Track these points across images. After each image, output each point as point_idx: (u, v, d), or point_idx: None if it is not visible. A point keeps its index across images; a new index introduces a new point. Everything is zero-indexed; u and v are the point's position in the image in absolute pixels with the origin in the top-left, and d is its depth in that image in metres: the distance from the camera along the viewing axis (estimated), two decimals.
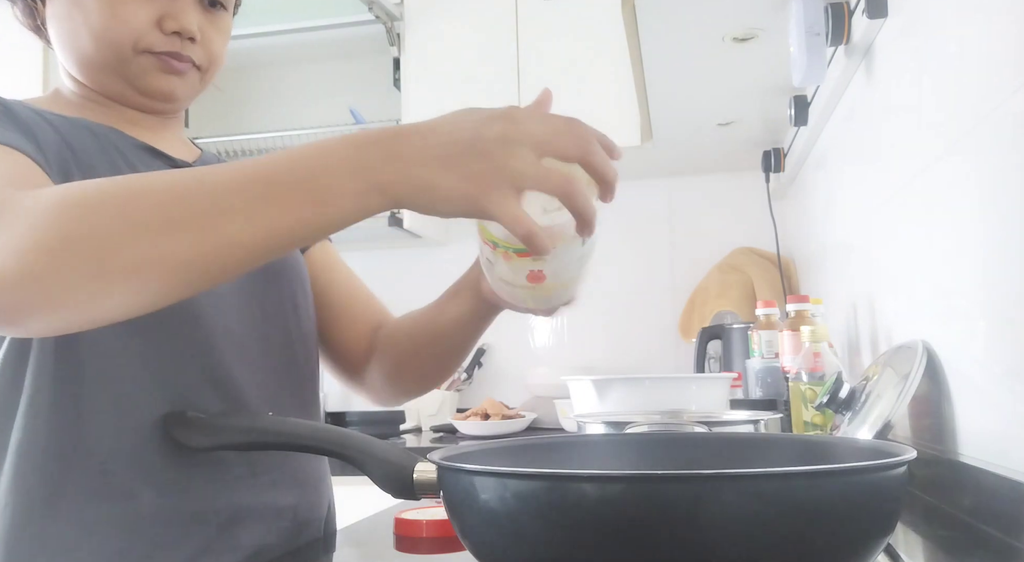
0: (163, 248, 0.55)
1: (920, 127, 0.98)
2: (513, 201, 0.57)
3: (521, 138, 0.58)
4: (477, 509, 0.52)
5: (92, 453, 0.71)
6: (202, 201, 0.56)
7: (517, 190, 0.57)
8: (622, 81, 1.97)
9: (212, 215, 0.56)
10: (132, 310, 0.57)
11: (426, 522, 0.82)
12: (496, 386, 2.48)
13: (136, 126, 0.84)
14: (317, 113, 2.63)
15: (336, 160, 0.57)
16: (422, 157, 0.57)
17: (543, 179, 0.58)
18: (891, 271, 1.17)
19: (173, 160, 0.84)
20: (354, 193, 0.57)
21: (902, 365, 0.97)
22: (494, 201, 0.56)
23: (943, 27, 0.89)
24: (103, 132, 0.79)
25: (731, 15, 1.34)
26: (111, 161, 0.76)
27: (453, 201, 0.57)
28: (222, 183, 0.57)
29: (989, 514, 0.74)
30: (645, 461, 0.70)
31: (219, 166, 0.59)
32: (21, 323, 0.56)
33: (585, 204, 0.59)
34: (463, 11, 2.27)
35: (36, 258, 0.53)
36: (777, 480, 0.47)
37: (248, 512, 0.78)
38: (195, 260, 0.56)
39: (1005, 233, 0.74)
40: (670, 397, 1.29)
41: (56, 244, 0.54)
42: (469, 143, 0.57)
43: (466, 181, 0.57)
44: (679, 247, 2.46)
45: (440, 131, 0.59)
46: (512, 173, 0.57)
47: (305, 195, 0.57)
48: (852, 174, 1.40)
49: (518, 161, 0.57)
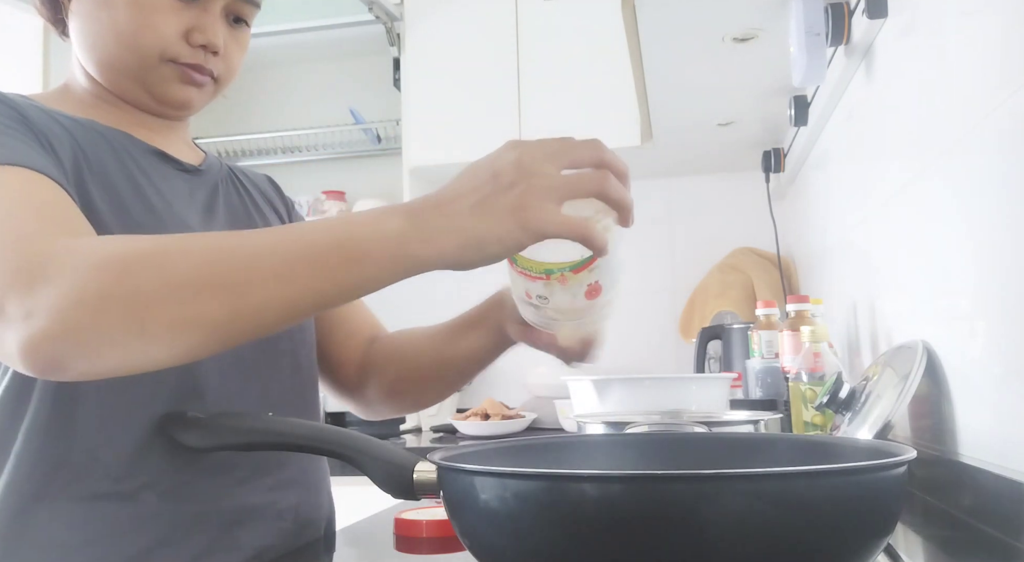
0: (200, 309, 0.57)
1: (920, 127, 0.98)
2: (557, 211, 0.58)
3: (535, 157, 0.59)
4: (477, 509, 0.52)
5: (94, 456, 0.71)
6: (240, 264, 0.59)
7: (557, 202, 0.58)
8: (622, 81, 1.96)
9: (249, 278, 0.58)
10: (171, 362, 0.60)
11: (426, 522, 0.82)
12: (496, 386, 2.48)
13: (145, 129, 0.84)
14: (317, 113, 2.63)
15: (371, 225, 0.60)
16: (452, 210, 0.59)
17: (575, 183, 0.59)
18: (891, 271, 1.17)
19: (181, 164, 0.85)
20: (390, 257, 0.59)
21: (902, 365, 0.97)
22: (539, 218, 0.57)
23: (943, 27, 0.89)
24: (114, 136, 0.79)
25: (731, 15, 1.34)
26: (123, 166, 0.78)
27: (502, 240, 0.58)
28: (261, 246, 0.60)
29: (989, 514, 0.74)
30: (645, 461, 0.70)
31: (259, 231, 0.63)
32: (62, 373, 0.59)
33: (624, 194, 0.61)
34: (463, 11, 2.27)
35: (77, 316, 0.56)
36: (777, 480, 0.47)
37: (250, 513, 0.78)
38: (232, 320, 0.58)
39: (1005, 233, 0.74)
40: (670, 397, 1.29)
41: (97, 302, 0.56)
42: (491, 182, 0.59)
43: (505, 216, 0.58)
44: (679, 247, 2.46)
45: (458, 187, 0.60)
46: (543, 188, 0.58)
47: (341, 259, 0.59)
48: (852, 174, 1.40)
49: (543, 178, 0.58)
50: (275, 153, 2.66)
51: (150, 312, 0.57)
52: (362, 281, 0.60)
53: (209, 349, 0.60)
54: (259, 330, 0.60)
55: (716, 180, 2.44)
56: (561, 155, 0.60)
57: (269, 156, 2.66)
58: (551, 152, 0.60)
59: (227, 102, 1.02)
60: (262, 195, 0.96)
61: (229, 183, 0.92)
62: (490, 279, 0.76)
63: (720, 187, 2.44)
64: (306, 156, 2.64)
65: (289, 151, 2.65)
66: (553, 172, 0.59)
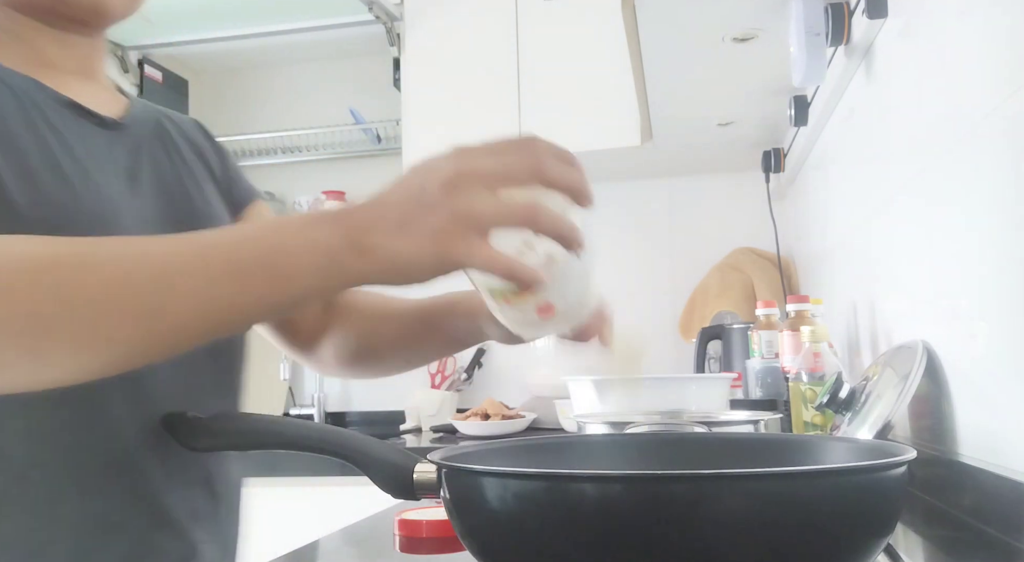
0: (109, 332, 0.51)
1: (920, 127, 0.98)
2: (480, 244, 0.53)
3: (468, 178, 0.54)
4: (477, 509, 0.52)
5: (9, 461, 0.65)
6: (155, 282, 0.52)
7: (480, 233, 0.53)
8: (622, 81, 1.97)
9: (165, 298, 0.52)
10: (75, 382, 0.54)
11: (426, 522, 0.82)
12: (496, 386, 2.48)
13: (54, 70, 0.74)
14: (317, 113, 2.63)
15: (301, 237, 0.54)
16: (376, 227, 0.54)
17: (503, 214, 0.54)
18: (891, 271, 1.17)
19: (101, 118, 0.75)
20: (320, 273, 0.54)
21: (902, 365, 0.97)
22: (461, 251, 0.53)
23: (943, 27, 0.89)
24: (22, 87, 0.69)
25: (731, 15, 1.34)
26: (31, 125, 0.68)
27: (422, 268, 0.53)
28: (180, 260, 0.53)
29: (989, 514, 0.74)
30: (645, 461, 0.70)
31: (179, 239, 0.55)
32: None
33: (558, 224, 0.54)
34: (463, 11, 2.27)
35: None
36: (777, 480, 0.47)
37: (167, 521, 0.73)
38: (145, 343, 0.53)
39: (1005, 233, 0.74)
40: (670, 397, 1.29)
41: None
42: (417, 199, 0.54)
43: (425, 242, 0.53)
44: (679, 247, 2.46)
45: (387, 199, 0.55)
46: (468, 218, 0.53)
47: (267, 276, 0.53)
48: (852, 174, 1.41)
49: (471, 203, 0.53)
50: (275, 153, 2.66)
51: (49, 337, 0.50)
52: (289, 299, 0.55)
53: (118, 369, 0.54)
54: (176, 350, 0.55)
55: (716, 180, 2.44)
56: (498, 173, 0.54)
57: (269, 156, 2.66)
58: (487, 170, 0.54)
59: (227, 102, 1.01)
60: (192, 148, 0.86)
61: (155, 140, 0.81)
62: None
63: (720, 187, 2.44)
64: (306, 156, 2.64)
65: (289, 151, 2.65)
66: (483, 197, 0.53)
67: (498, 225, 0.54)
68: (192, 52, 2.55)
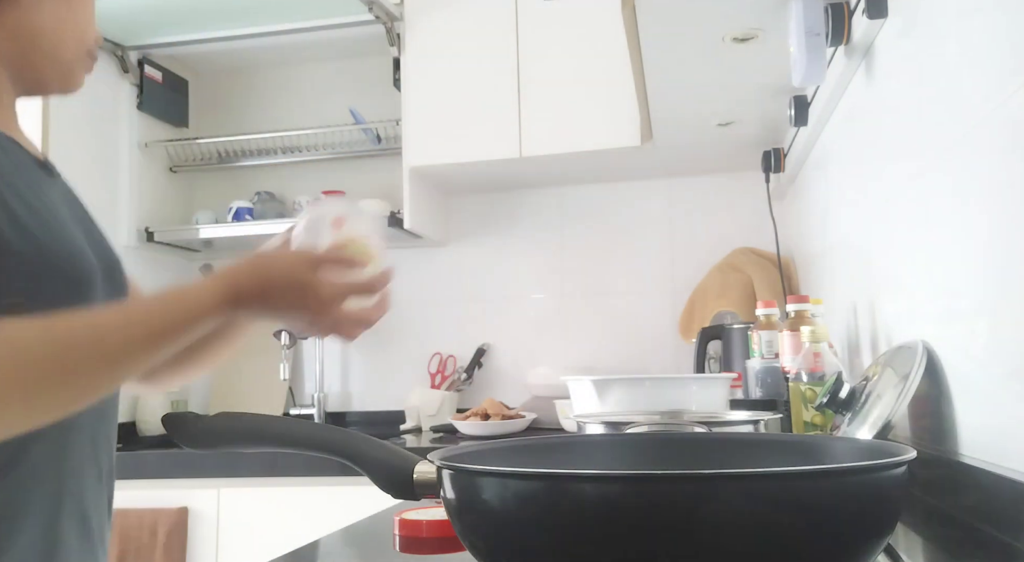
0: (45, 402, 0.65)
1: (920, 127, 0.98)
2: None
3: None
4: (477, 509, 0.52)
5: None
6: (87, 360, 0.67)
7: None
8: (622, 81, 1.97)
9: (95, 367, 0.68)
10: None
11: (426, 522, 0.82)
12: (496, 386, 2.48)
13: (12, 125, 0.84)
14: (317, 113, 2.63)
15: (205, 313, 0.75)
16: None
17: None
18: (891, 271, 1.17)
19: (49, 169, 0.85)
20: (213, 320, 0.76)
21: (902, 365, 0.97)
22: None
23: (943, 27, 0.89)
24: (6, 144, 0.79)
25: (731, 15, 1.34)
26: (13, 180, 0.77)
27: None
28: (107, 337, 0.68)
29: (989, 514, 0.74)
30: (645, 461, 0.70)
31: (105, 317, 0.71)
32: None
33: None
34: (463, 11, 2.27)
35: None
36: (777, 480, 0.47)
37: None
38: (72, 403, 0.68)
39: (1005, 233, 0.74)
40: (670, 397, 1.29)
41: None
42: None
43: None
44: (679, 247, 2.46)
45: (275, 290, 0.80)
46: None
47: (174, 338, 0.73)
48: (852, 174, 1.41)
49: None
50: (275, 153, 2.66)
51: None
52: (185, 343, 0.74)
53: (40, 424, 0.67)
54: (92, 401, 0.70)
55: (716, 180, 2.44)
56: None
57: (269, 156, 2.66)
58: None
59: (227, 102, 1.02)
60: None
61: (59, 175, 0.89)
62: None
63: (720, 187, 2.44)
64: (306, 156, 2.64)
65: (289, 151, 2.65)
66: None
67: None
68: (192, 52, 2.55)
